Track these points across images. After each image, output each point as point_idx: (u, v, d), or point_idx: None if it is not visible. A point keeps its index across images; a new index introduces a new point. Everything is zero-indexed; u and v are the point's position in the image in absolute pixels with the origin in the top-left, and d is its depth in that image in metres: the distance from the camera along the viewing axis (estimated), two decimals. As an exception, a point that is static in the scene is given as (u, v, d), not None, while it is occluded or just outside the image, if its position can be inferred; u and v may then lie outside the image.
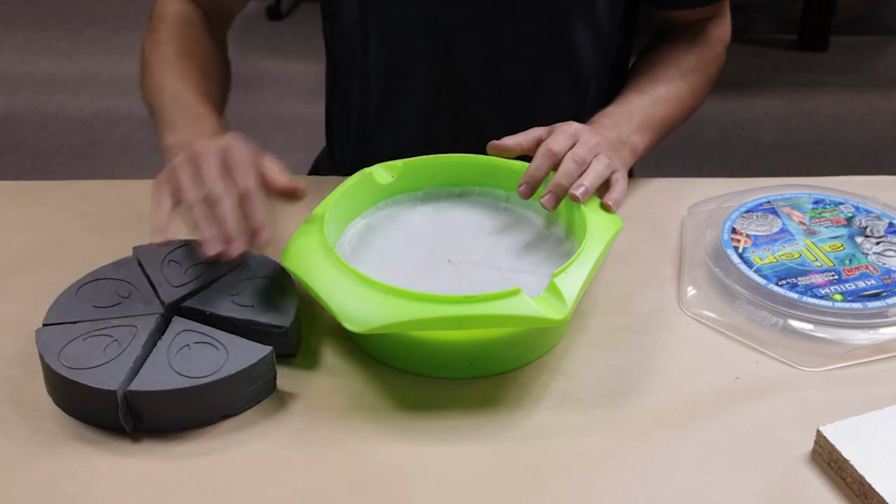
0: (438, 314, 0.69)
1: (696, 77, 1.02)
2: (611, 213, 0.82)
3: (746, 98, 2.76)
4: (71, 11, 3.29)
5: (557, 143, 0.83)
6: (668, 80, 1.00)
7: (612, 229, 0.80)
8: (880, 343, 0.79)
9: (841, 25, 3.11)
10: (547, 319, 0.70)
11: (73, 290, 0.77)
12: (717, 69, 1.06)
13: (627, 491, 0.67)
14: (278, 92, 2.80)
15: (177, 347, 0.72)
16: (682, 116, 1.02)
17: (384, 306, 0.70)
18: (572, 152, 0.83)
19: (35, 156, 2.51)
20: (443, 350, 0.76)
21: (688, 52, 1.03)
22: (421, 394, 0.75)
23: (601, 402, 0.74)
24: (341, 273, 0.73)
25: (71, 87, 2.82)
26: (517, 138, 0.86)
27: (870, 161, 2.52)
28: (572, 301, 0.71)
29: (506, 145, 0.85)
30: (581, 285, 0.73)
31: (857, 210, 0.93)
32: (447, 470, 0.68)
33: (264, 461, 0.69)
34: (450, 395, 0.75)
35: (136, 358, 0.71)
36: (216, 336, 0.73)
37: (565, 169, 0.82)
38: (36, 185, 1.02)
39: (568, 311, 0.70)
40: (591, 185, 0.81)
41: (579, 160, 0.82)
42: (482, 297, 0.70)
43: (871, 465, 0.65)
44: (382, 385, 0.76)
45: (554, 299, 0.71)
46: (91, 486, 0.67)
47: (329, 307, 0.71)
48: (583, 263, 0.75)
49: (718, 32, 1.06)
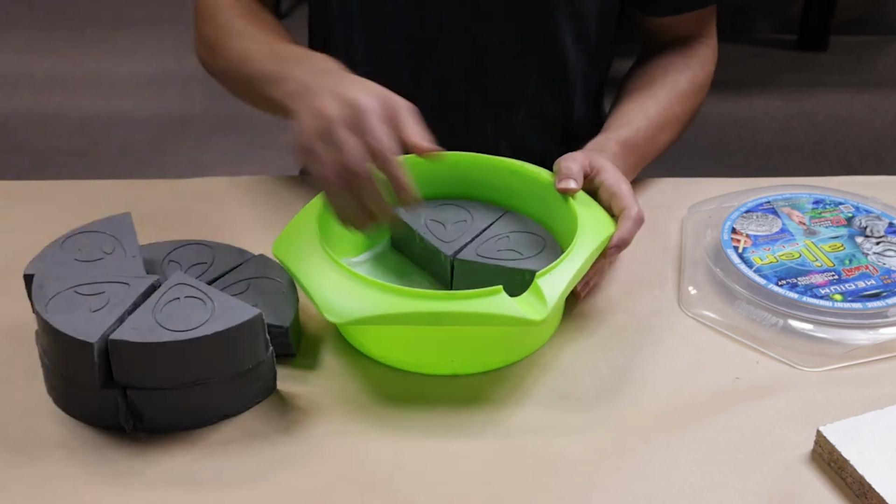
0: (417, 309, 0.69)
1: (690, 103, 1.02)
2: (605, 217, 0.81)
3: (746, 98, 2.76)
4: (71, 11, 3.28)
5: (639, 208, 0.81)
6: (671, 117, 0.99)
7: (603, 233, 0.79)
8: (880, 343, 0.79)
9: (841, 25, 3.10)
10: (526, 320, 0.69)
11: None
12: (704, 96, 1.06)
13: (627, 491, 0.67)
14: (278, 92, 2.79)
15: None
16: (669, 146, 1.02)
17: (365, 299, 0.70)
18: (639, 214, 0.81)
19: (35, 156, 2.51)
20: (423, 345, 0.76)
21: (682, 74, 1.02)
22: (421, 393, 0.75)
23: (601, 401, 0.74)
24: (328, 265, 0.73)
25: (71, 87, 2.82)
26: (578, 181, 0.83)
27: (870, 161, 2.52)
28: (553, 302, 0.70)
29: (571, 189, 0.83)
30: (564, 287, 0.72)
31: (857, 210, 0.93)
32: (448, 469, 0.68)
33: (264, 461, 0.69)
34: (450, 395, 0.75)
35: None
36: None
37: (633, 232, 0.81)
38: (36, 185, 1.02)
39: (548, 312, 0.70)
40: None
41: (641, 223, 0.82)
42: (462, 294, 0.70)
43: (871, 465, 0.65)
44: (383, 385, 0.76)
45: (535, 300, 0.71)
46: (91, 486, 0.67)
47: (311, 297, 0.72)
48: (568, 266, 0.74)
49: (706, 54, 1.06)
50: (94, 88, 2.80)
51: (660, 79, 1.01)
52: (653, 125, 0.96)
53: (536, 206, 0.86)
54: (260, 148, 2.51)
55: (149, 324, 0.69)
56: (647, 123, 0.95)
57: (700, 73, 1.04)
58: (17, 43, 3.09)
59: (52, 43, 3.08)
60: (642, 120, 0.96)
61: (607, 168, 0.84)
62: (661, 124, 0.97)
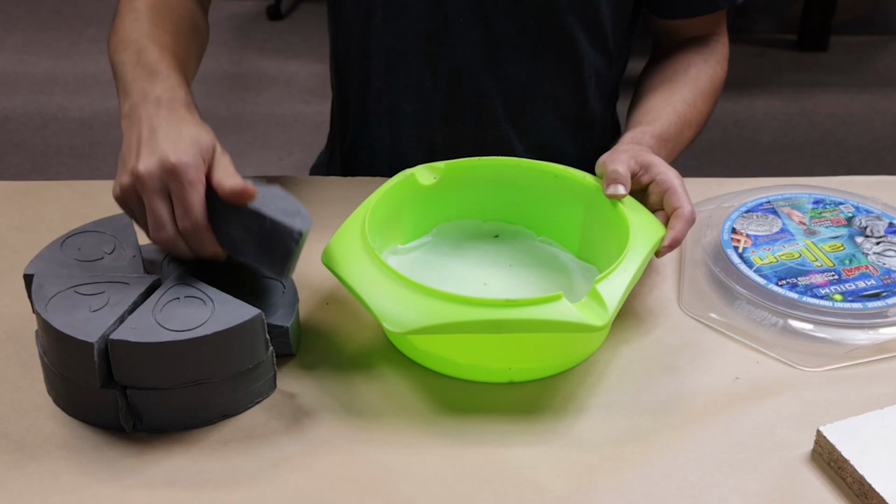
0: (478, 317, 0.69)
1: (711, 101, 1.03)
2: (654, 221, 0.81)
3: (746, 98, 2.76)
4: (71, 11, 3.28)
5: (691, 207, 0.82)
6: (696, 114, 0.99)
7: (655, 237, 0.79)
8: (880, 343, 0.79)
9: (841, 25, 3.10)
10: (588, 325, 0.69)
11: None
12: (718, 95, 1.06)
13: (627, 491, 0.67)
14: (278, 92, 2.79)
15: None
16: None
17: (424, 308, 0.69)
18: (691, 213, 0.81)
19: (35, 156, 2.51)
20: (479, 352, 0.76)
21: (703, 72, 1.03)
22: (421, 394, 0.75)
23: (601, 401, 0.74)
24: (382, 274, 0.72)
25: (71, 87, 2.82)
26: (627, 185, 0.82)
27: (870, 161, 2.52)
28: (614, 307, 0.70)
29: (620, 195, 0.82)
30: (623, 291, 0.72)
31: (857, 210, 0.93)
32: (446, 469, 0.68)
33: (264, 461, 0.69)
34: (450, 395, 0.75)
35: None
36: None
37: (685, 231, 0.81)
38: (36, 185, 1.02)
39: (609, 317, 0.70)
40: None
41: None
42: (523, 301, 0.69)
43: (871, 465, 0.65)
44: (382, 385, 0.76)
45: (595, 305, 0.70)
46: (91, 486, 0.67)
47: (369, 308, 0.71)
48: (625, 270, 0.74)
49: (723, 53, 1.07)
50: (94, 88, 2.80)
51: (682, 75, 1.01)
52: (681, 121, 0.96)
53: (581, 210, 0.86)
54: (260, 148, 2.51)
55: (149, 324, 0.69)
56: (675, 119, 0.96)
57: (719, 71, 1.05)
58: (17, 43, 3.09)
59: (52, 43, 3.08)
60: (671, 115, 0.96)
61: (657, 163, 0.84)
62: (689, 121, 0.98)
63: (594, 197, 0.84)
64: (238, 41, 3.07)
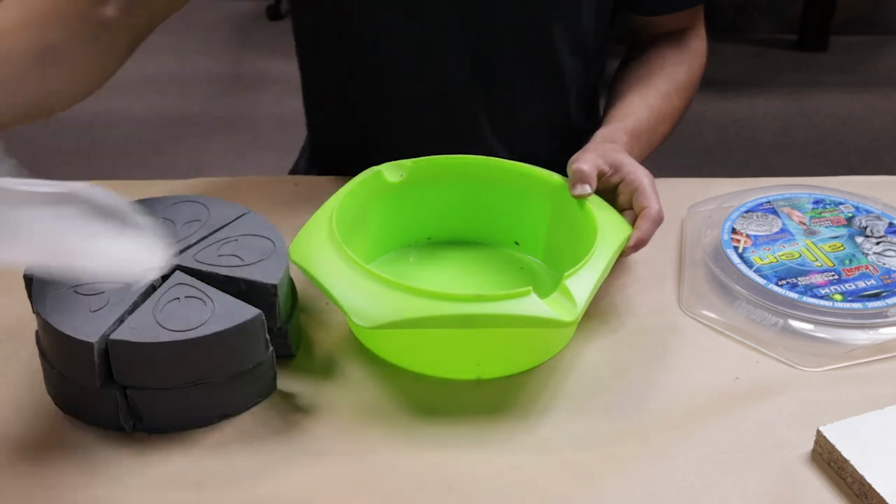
0: (448, 312, 0.69)
1: (688, 95, 1.03)
2: (620, 219, 0.82)
3: (746, 98, 2.76)
4: (71, 11, 3.29)
5: (659, 207, 0.82)
6: (672, 108, 0.99)
7: (622, 236, 0.79)
8: (880, 343, 0.79)
9: (841, 25, 3.11)
10: (557, 321, 0.69)
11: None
12: (696, 89, 1.06)
13: (627, 491, 0.67)
14: (278, 92, 2.79)
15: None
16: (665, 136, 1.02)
17: (392, 302, 0.69)
18: (658, 213, 0.82)
19: (35, 156, 2.51)
20: (449, 349, 0.76)
21: (680, 66, 1.03)
22: (420, 395, 0.75)
23: (601, 401, 0.74)
24: (350, 268, 0.72)
25: (71, 87, 2.82)
26: (592, 184, 0.82)
27: (870, 161, 2.52)
28: (583, 303, 0.71)
29: (587, 194, 0.82)
30: (592, 287, 0.72)
31: (857, 210, 0.93)
32: (446, 469, 0.68)
33: (264, 461, 0.69)
34: (449, 395, 0.75)
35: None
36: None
37: (651, 232, 0.81)
38: (36, 185, 1.02)
39: (578, 312, 0.70)
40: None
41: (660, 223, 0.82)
42: (492, 296, 0.70)
43: (871, 465, 0.65)
44: (383, 386, 0.76)
45: (564, 300, 0.71)
46: (91, 486, 0.67)
47: (337, 302, 0.70)
48: (594, 266, 0.74)
49: (700, 46, 1.07)
50: (94, 88, 2.80)
51: (657, 70, 1.01)
52: (655, 116, 0.96)
53: (547, 209, 0.86)
54: (260, 148, 2.51)
55: (149, 324, 0.69)
56: (649, 114, 0.96)
57: (695, 65, 1.05)
58: (17, 43, 3.09)
59: (52, 43, 3.08)
60: (645, 110, 0.96)
61: (627, 163, 0.84)
62: (664, 115, 0.98)
63: (561, 195, 0.84)
64: (238, 41, 3.06)
